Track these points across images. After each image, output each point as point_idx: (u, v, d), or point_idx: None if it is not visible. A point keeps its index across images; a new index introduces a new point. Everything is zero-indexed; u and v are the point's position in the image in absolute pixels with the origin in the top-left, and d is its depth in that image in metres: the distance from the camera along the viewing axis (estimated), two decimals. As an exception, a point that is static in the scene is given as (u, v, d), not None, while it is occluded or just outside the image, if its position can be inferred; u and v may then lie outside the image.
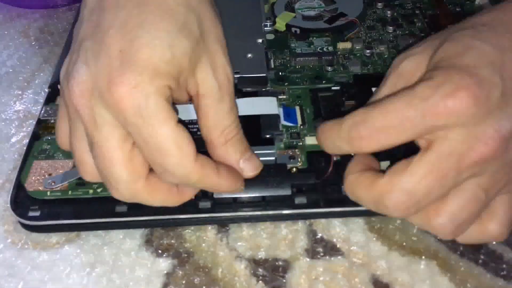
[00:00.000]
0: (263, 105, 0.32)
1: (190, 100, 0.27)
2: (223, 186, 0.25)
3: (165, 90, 0.23)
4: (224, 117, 0.25)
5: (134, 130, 0.23)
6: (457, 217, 0.22)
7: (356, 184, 0.24)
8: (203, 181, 0.24)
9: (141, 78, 0.22)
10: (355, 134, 0.23)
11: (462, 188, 0.22)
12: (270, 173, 0.28)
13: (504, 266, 0.26)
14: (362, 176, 0.23)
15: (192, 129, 0.31)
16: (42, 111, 0.33)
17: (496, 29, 0.23)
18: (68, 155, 0.30)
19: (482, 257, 0.26)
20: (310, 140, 0.30)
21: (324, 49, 0.37)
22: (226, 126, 0.25)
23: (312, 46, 0.37)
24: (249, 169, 0.26)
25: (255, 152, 0.29)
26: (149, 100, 0.22)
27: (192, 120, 0.31)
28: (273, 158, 0.29)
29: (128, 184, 0.24)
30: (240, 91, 0.33)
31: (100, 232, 0.28)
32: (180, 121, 0.24)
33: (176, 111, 0.24)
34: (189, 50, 0.24)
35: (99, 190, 0.28)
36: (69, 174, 0.29)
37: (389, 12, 0.40)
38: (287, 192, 0.27)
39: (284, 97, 0.34)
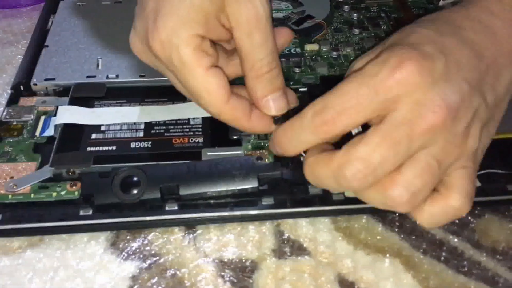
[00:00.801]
0: (231, 106, 0.32)
1: None
2: (255, 128, 0.27)
3: (193, 39, 0.25)
4: (254, 52, 0.25)
5: (174, 75, 0.26)
6: (412, 186, 0.22)
7: (315, 163, 0.24)
8: (235, 121, 0.26)
9: (166, 32, 0.25)
10: (318, 121, 0.23)
11: (416, 158, 0.23)
12: (236, 165, 0.28)
13: (465, 263, 0.26)
14: (321, 155, 0.24)
15: (159, 130, 0.30)
16: (4, 113, 0.32)
17: (438, 21, 0.25)
18: (31, 157, 0.29)
19: (444, 254, 0.27)
20: (277, 141, 0.30)
21: (292, 51, 0.37)
22: (256, 61, 0.26)
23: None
24: (272, 108, 0.26)
25: (223, 152, 0.29)
26: (176, 51, 0.25)
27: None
28: (240, 159, 0.29)
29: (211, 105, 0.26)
30: (207, 92, 0.33)
31: (64, 235, 0.27)
32: (216, 66, 0.26)
33: (215, 56, 0.26)
34: None
35: (62, 193, 0.27)
36: (31, 177, 0.28)
37: (355, 14, 0.41)
38: (253, 184, 0.27)
39: (252, 98, 0.34)
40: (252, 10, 0.25)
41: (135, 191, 0.27)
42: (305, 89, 0.35)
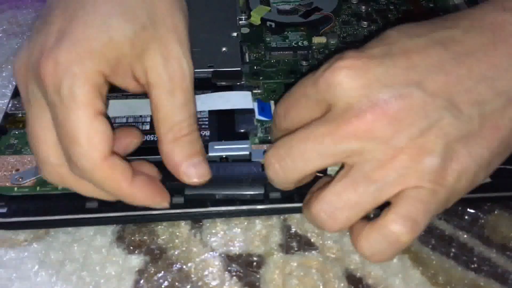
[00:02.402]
0: (238, 100, 0.31)
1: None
2: (136, 196, 0.24)
3: (94, 75, 0.22)
4: (174, 112, 0.24)
5: (52, 108, 0.22)
6: (333, 201, 0.21)
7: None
8: (109, 184, 0.23)
9: (69, 56, 0.21)
10: (275, 111, 0.26)
11: (344, 170, 0.22)
12: (244, 171, 0.27)
13: (475, 259, 0.26)
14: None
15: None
16: (10, 105, 0.32)
17: (426, 23, 0.23)
18: (37, 150, 0.29)
19: (453, 250, 0.26)
20: (284, 135, 0.30)
21: (299, 44, 0.37)
22: (176, 123, 0.24)
23: (287, 40, 0.37)
24: (193, 175, 0.24)
25: (230, 146, 0.29)
26: (71, 81, 0.21)
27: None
28: (247, 152, 0.29)
29: (53, 167, 0.23)
30: (214, 85, 0.33)
31: (69, 229, 0.27)
32: (107, 115, 0.23)
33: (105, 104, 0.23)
34: (131, 35, 0.23)
35: (68, 185, 0.27)
36: (37, 169, 0.28)
37: (363, 7, 0.41)
38: (260, 191, 0.27)
39: (259, 91, 0.33)
40: (178, 68, 0.24)
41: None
42: (313, 82, 0.34)
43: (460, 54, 0.21)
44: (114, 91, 0.32)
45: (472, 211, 0.28)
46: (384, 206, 0.22)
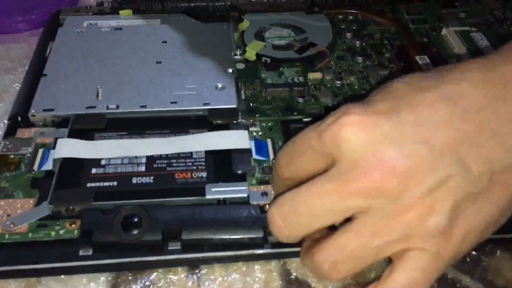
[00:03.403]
0: (234, 139, 0.31)
1: None
2: None
3: None
4: None
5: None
6: (336, 252, 0.21)
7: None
8: None
9: None
10: (277, 160, 0.25)
11: (349, 226, 0.21)
12: (242, 214, 0.27)
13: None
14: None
15: (161, 164, 0.30)
16: (1, 145, 0.31)
17: (431, 75, 0.23)
18: (29, 193, 0.28)
19: (436, 285, 0.26)
20: (282, 175, 0.30)
21: (295, 80, 0.37)
22: None
23: (283, 76, 0.37)
24: None
25: (227, 188, 0.28)
26: None
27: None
28: (245, 195, 0.28)
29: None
30: (210, 124, 0.32)
31: (62, 277, 0.26)
32: None
33: None
34: None
35: (61, 231, 0.26)
36: (29, 214, 0.27)
37: (358, 42, 0.41)
38: (259, 234, 0.26)
39: (256, 129, 0.33)
40: None
41: (136, 231, 0.26)
42: (309, 119, 0.34)
43: (469, 110, 0.21)
44: (107, 131, 0.32)
45: (474, 253, 0.27)
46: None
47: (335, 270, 0.21)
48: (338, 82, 0.37)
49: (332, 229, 0.23)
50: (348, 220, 0.22)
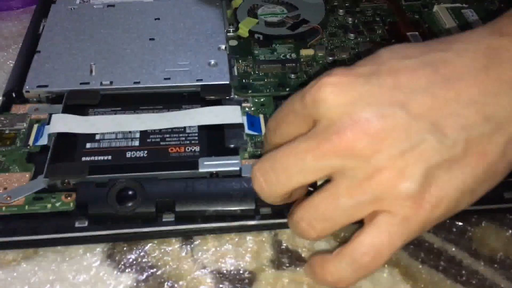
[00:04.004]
0: (227, 114, 0.31)
1: None
2: None
3: None
4: None
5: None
6: (312, 209, 0.22)
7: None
8: None
9: None
10: (267, 125, 0.26)
11: (325, 186, 0.22)
12: (234, 186, 0.27)
13: (464, 272, 0.26)
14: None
15: (155, 139, 0.30)
16: (-4, 121, 0.32)
17: (420, 44, 0.23)
18: (24, 167, 0.29)
19: (442, 263, 0.27)
20: (274, 149, 0.30)
21: (287, 56, 0.37)
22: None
23: (275, 53, 0.37)
24: None
25: (220, 162, 0.29)
26: None
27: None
28: (237, 168, 0.29)
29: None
30: (203, 99, 0.33)
31: (59, 248, 0.27)
32: None
33: None
34: None
35: (57, 204, 0.27)
36: (25, 188, 0.28)
37: (350, 19, 0.41)
38: (251, 206, 0.27)
39: (248, 105, 0.34)
40: None
41: (130, 204, 0.27)
42: (301, 95, 0.34)
43: (449, 77, 0.21)
44: (101, 107, 0.32)
45: (459, 223, 0.28)
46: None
47: (311, 228, 0.22)
48: (330, 58, 0.37)
49: None
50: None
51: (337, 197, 0.21)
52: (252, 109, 0.33)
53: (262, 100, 0.34)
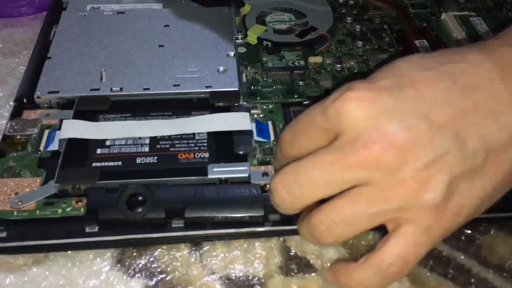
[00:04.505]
0: (236, 121, 0.32)
1: None
2: None
3: None
4: None
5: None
6: (332, 214, 0.22)
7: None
8: None
9: None
10: (281, 138, 0.25)
11: (349, 192, 0.22)
12: (243, 193, 0.28)
13: (472, 280, 0.26)
14: None
15: (165, 145, 0.30)
16: (8, 126, 0.32)
17: (435, 55, 0.23)
18: (35, 172, 0.29)
19: (451, 271, 0.27)
20: (283, 156, 0.30)
21: (296, 63, 0.37)
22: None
23: (283, 60, 0.38)
24: None
25: (229, 168, 0.29)
26: None
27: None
28: (246, 175, 0.29)
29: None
30: (212, 106, 0.33)
31: (69, 252, 0.27)
32: None
33: None
34: None
35: (68, 209, 0.27)
36: (36, 193, 0.28)
37: (358, 26, 0.41)
38: (260, 212, 0.27)
39: (257, 111, 0.34)
40: None
41: (140, 209, 0.27)
42: (309, 102, 0.34)
43: (467, 88, 0.22)
44: (111, 113, 0.32)
45: (468, 231, 0.28)
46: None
47: (329, 232, 0.22)
48: (338, 65, 0.37)
49: None
50: None
51: (361, 203, 0.22)
52: (261, 115, 0.34)
53: (270, 107, 0.34)
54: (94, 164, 0.29)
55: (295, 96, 0.35)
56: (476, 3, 0.44)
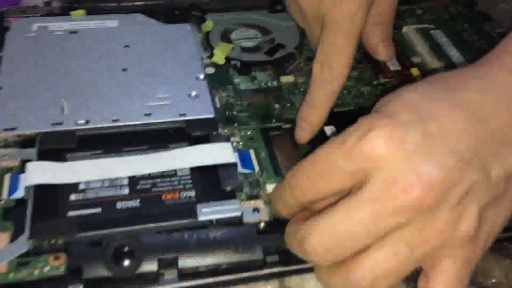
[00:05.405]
0: (219, 153, 0.30)
1: None
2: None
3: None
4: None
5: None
6: (375, 269, 0.21)
7: (288, 233, 0.24)
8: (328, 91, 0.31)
9: None
10: (294, 183, 0.23)
11: (385, 240, 0.21)
12: (239, 235, 0.26)
13: (472, 306, 0.26)
14: (292, 224, 0.24)
15: (145, 185, 0.28)
16: (-41, 172, 0.28)
17: (435, 83, 0.23)
18: (2, 226, 0.26)
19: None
20: (271, 188, 0.29)
21: (269, 84, 0.36)
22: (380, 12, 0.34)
23: (255, 81, 0.36)
24: (384, 55, 0.37)
25: (219, 208, 0.27)
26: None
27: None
28: (239, 213, 0.27)
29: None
30: (188, 136, 0.31)
31: (50, 318, 0.24)
32: None
33: None
34: None
35: (46, 269, 0.24)
36: (6, 251, 0.25)
37: (325, 42, 0.40)
38: (258, 256, 0.26)
39: (236, 139, 0.32)
40: None
41: (128, 262, 0.24)
42: (289, 126, 0.33)
43: (482, 117, 0.22)
44: (80, 150, 0.29)
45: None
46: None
47: (375, 286, 0.21)
48: (312, 85, 0.36)
49: None
50: None
51: (403, 250, 0.21)
52: (240, 143, 0.32)
53: (249, 133, 0.33)
54: (69, 213, 0.26)
55: (273, 120, 0.34)
56: (433, 14, 0.44)
